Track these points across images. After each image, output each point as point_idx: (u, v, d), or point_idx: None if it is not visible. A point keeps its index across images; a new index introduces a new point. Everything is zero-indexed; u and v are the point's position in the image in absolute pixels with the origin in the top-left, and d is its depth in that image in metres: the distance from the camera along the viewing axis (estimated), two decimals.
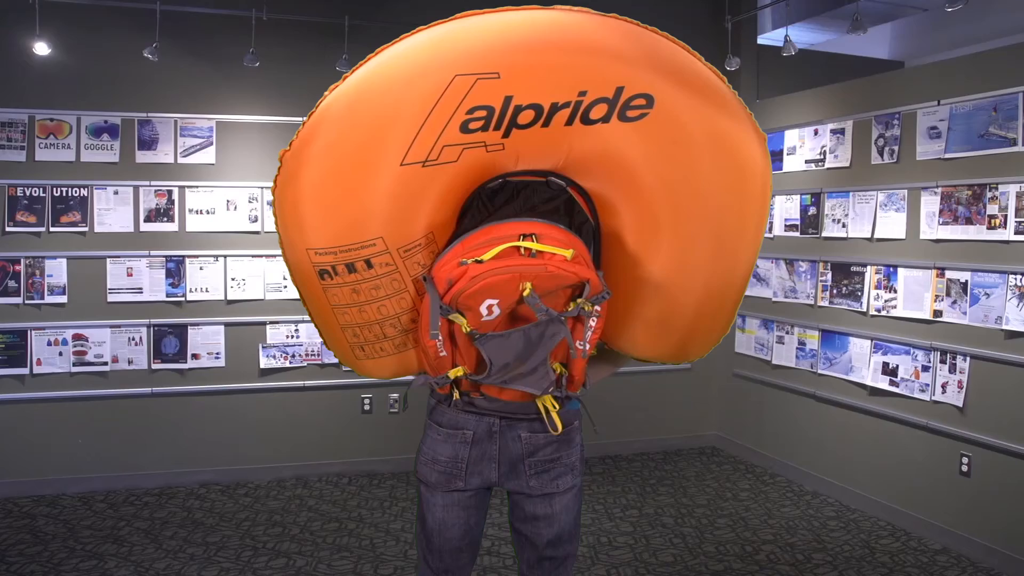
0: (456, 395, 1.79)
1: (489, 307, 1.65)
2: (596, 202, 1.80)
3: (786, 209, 4.85)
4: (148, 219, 4.55)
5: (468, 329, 1.66)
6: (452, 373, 1.73)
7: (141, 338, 4.55)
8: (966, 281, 3.72)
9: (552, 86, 1.61)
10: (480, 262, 1.64)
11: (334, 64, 4.47)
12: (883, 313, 4.17)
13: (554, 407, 1.79)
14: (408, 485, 4.68)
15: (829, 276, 4.52)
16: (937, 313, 3.87)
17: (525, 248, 1.66)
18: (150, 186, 4.54)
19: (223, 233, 4.65)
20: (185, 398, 4.64)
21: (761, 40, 5.47)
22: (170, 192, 4.57)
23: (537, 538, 1.94)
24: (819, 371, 4.58)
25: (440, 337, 1.68)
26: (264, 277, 4.71)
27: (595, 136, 1.67)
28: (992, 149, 3.63)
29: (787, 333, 4.84)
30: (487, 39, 1.61)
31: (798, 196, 4.77)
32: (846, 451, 4.41)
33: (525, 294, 1.63)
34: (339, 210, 1.66)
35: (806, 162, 4.74)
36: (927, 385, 3.91)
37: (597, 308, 1.69)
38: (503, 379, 1.72)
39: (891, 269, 4.12)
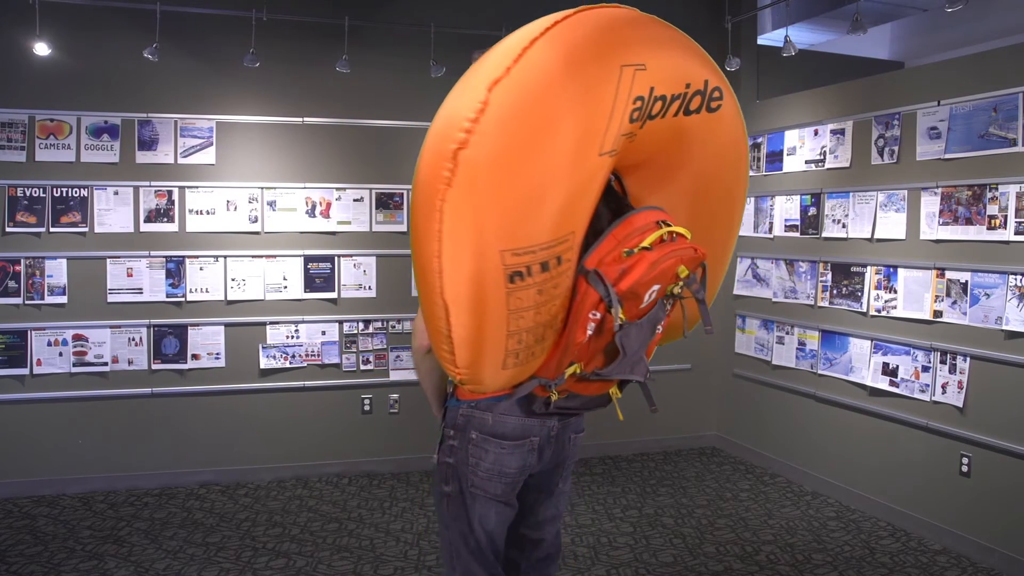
0: (555, 396, 1.74)
1: (651, 293, 1.63)
2: (635, 188, 1.86)
3: (786, 209, 4.85)
4: (148, 219, 4.55)
5: (623, 320, 1.60)
6: (568, 372, 1.69)
7: (141, 338, 4.55)
8: (966, 281, 3.72)
9: (672, 78, 1.63)
10: (648, 249, 1.61)
11: (334, 64, 4.45)
12: (883, 313, 4.17)
13: (618, 394, 1.85)
14: (408, 485, 4.68)
15: (829, 276, 4.52)
16: (937, 313, 3.87)
17: (669, 233, 1.66)
18: (150, 186, 4.54)
19: (223, 233, 4.65)
20: (185, 398, 4.64)
21: (761, 40, 5.47)
22: (170, 192, 4.57)
23: (543, 539, 1.98)
24: (819, 371, 4.58)
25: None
26: (264, 277, 4.71)
27: (680, 127, 1.70)
28: (992, 149, 3.63)
29: (787, 333, 4.84)
30: (627, 32, 1.57)
31: (798, 196, 4.77)
32: (846, 451, 4.41)
33: (684, 276, 1.64)
34: (546, 204, 1.49)
35: (806, 162, 4.74)
36: (927, 385, 3.91)
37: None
38: (623, 369, 1.71)
39: (891, 269, 4.12)
